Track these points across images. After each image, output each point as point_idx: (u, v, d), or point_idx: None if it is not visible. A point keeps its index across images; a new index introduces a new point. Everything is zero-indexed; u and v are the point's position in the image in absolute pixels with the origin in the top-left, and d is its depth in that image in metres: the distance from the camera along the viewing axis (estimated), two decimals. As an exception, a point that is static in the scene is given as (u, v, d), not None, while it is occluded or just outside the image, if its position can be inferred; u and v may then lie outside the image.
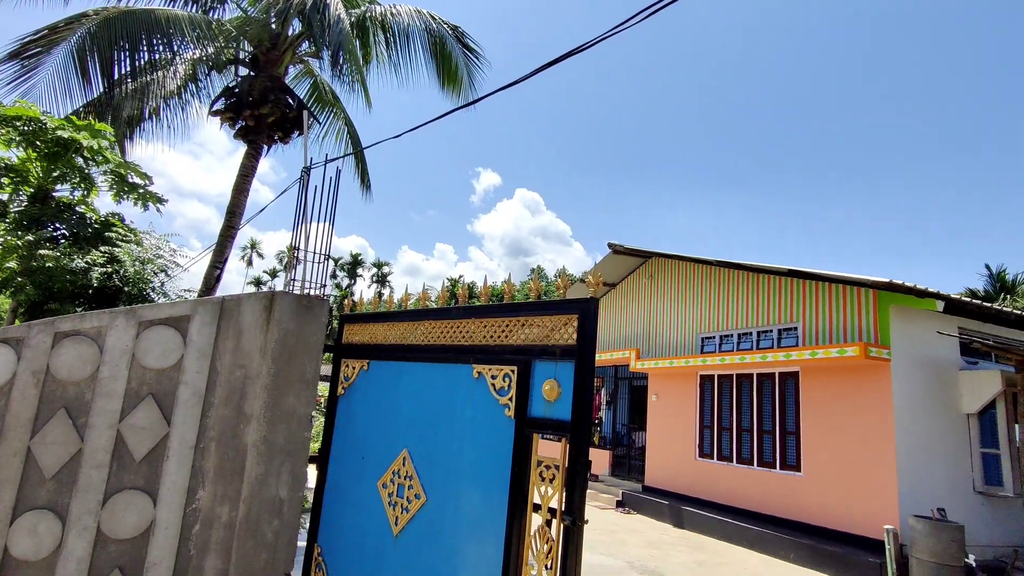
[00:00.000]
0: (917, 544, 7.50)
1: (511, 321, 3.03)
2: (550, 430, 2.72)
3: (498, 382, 3.01)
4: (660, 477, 12.88)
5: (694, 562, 8.63)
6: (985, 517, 8.91)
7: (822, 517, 9.27)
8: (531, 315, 2.94)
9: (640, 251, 14.56)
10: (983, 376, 9.06)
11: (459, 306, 3.38)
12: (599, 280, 2.71)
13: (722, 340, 12.41)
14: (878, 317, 9.18)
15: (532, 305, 2.95)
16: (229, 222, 11.04)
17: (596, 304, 2.69)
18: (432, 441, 3.31)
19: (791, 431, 10.18)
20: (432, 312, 3.55)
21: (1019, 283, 27.92)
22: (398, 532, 3.34)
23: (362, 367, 3.98)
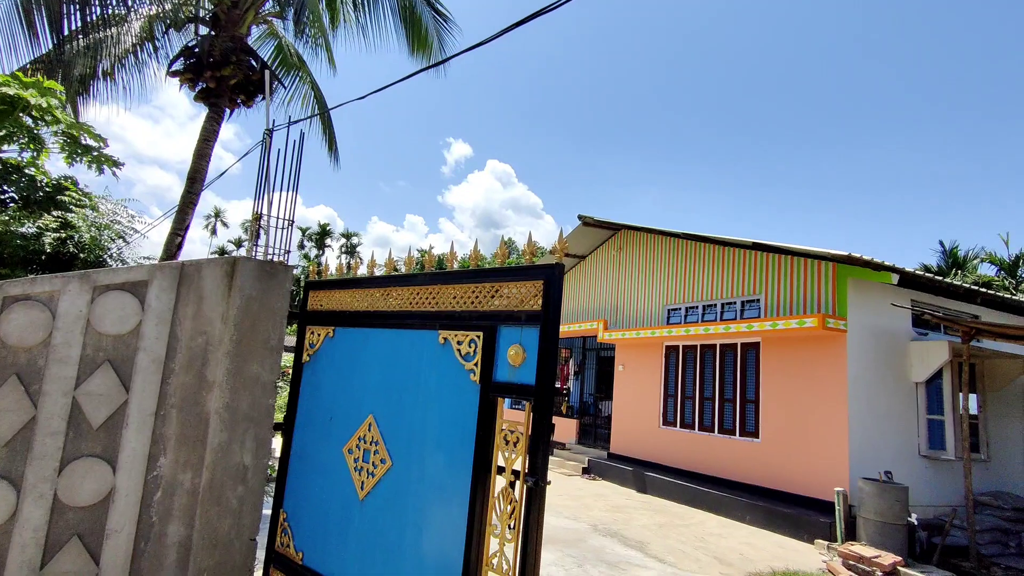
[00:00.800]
0: (864, 504, 7.89)
1: (477, 287, 3.04)
2: (515, 394, 2.75)
3: (464, 348, 3.02)
4: (625, 445, 13.21)
5: (655, 524, 8.93)
6: (928, 479, 9.41)
7: (778, 481, 9.66)
8: (497, 281, 2.94)
9: (609, 223, 14.65)
10: (932, 346, 9.47)
11: (425, 272, 3.36)
12: (564, 246, 2.72)
13: (687, 312, 12.66)
14: (836, 289, 9.47)
15: (498, 271, 2.95)
16: (190, 188, 10.70)
17: (561, 270, 2.71)
18: (398, 407, 3.32)
19: (751, 399, 10.51)
20: (398, 279, 3.53)
21: (970, 259, 29.03)
22: (364, 496, 3.36)
23: (327, 334, 3.95)
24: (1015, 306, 10.99)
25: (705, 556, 7.44)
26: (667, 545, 7.78)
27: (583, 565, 6.52)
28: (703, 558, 7.35)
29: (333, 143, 14.07)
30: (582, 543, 7.45)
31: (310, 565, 3.61)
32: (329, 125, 13.81)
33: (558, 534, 7.79)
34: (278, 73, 12.61)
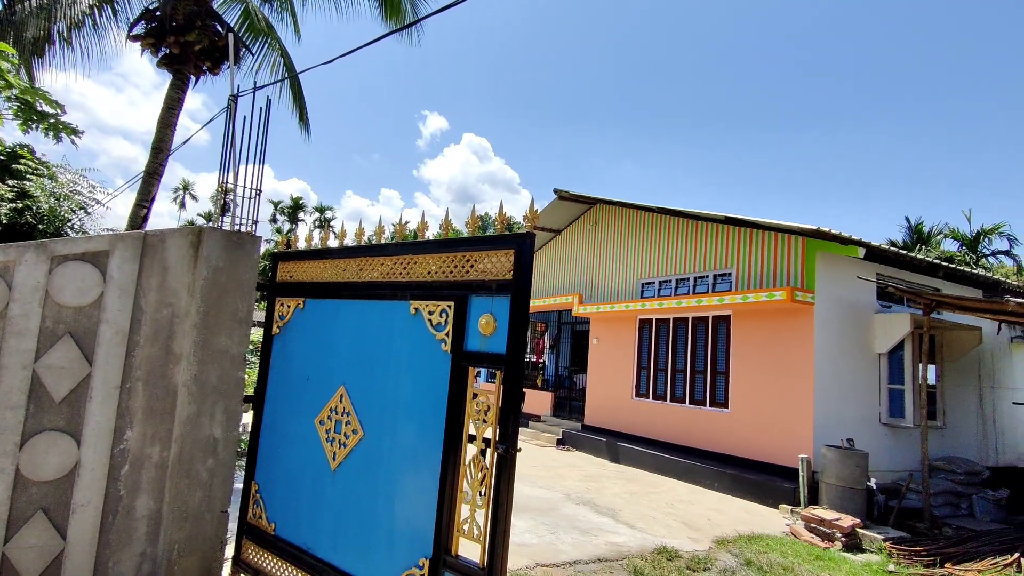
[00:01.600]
0: (827, 470, 8.19)
1: (448, 257, 3.02)
2: (486, 363, 2.76)
3: (435, 318, 3.01)
4: (599, 416, 13.43)
5: (627, 492, 9.15)
6: (888, 445, 9.78)
7: (746, 449, 9.95)
8: (468, 251, 2.93)
9: (585, 197, 14.64)
10: (895, 319, 9.76)
11: (396, 242, 3.33)
12: (535, 216, 2.72)
13: (661, 285, 12.81)
14: (805, 263, 9.65)
15: (469, 241, 2.93)
16: (155, 158, 10.36)
17: (532, 240, 2.71)
18: (370, 377, 3.31)
19: (721, 371, 10.74)
20: (369, 249, 3.48)
21: (934, 235, 29.87)
22: (336, 467, 3.37)
23: (297, 305, 3.90)
24: (974, 279, 11.36)
25: (674, 522, 7.66)
26: (638, 512, 7.99)
27: (556, 532, 6.66)
28: (672, 523, 7.57)
29: (304, 114, 13.71)
30: (555, 511, 7.61)
31: (283, 535, 3.62)
32: (299, 95, 13.44)
33: (532, 503, 7.94)
34: (245, 40, 12.17)
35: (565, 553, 5.95)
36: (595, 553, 6.05)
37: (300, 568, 3.42)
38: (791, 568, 6.12)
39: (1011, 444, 12.01)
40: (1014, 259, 29.53)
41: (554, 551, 5.99)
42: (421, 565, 2.80)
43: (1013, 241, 29.43)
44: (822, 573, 6.19)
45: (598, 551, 6.14)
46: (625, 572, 5.61)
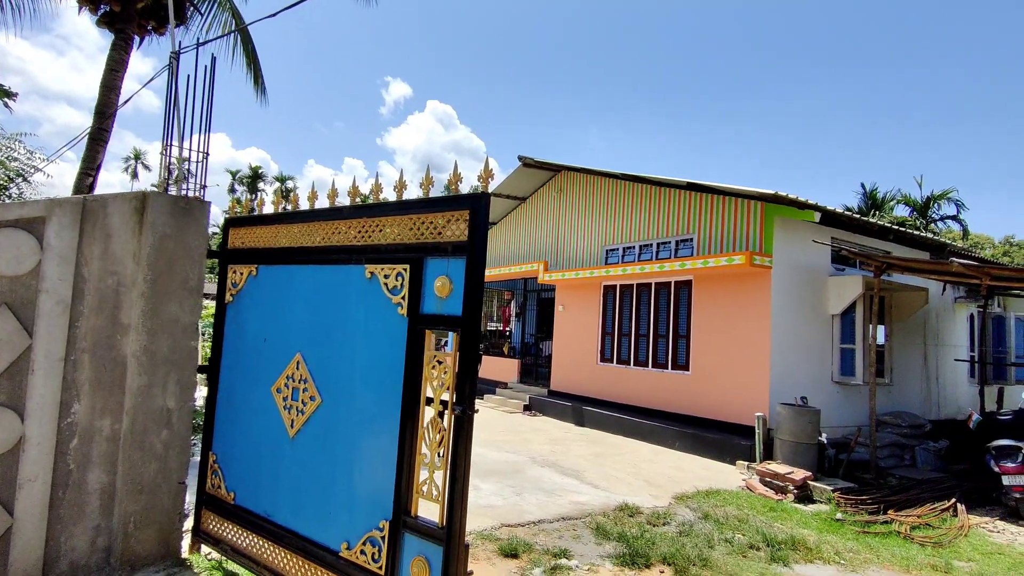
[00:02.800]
0: (781, 427, 8.51)
1: (403, 219, 2.96)
2: (442, 326, 2.74)
3: (391, 281, 2.97)
4: (565, 382, 13.63)
5: (591, 454, 9.37)
6: (839, 402, 10.22)
7: (706, 409, 10.26)
8: (423, 212, 2.87)
9: (549, 164, 14.56)
10: (848, 281, 10.09)
11: (350, 205, 3.25)
12: (490, 175, 2.67)
13: (625, 252, 12.93)
14: (764, 228, 9.85)
15: (423, 202, 2.88)
16: (99, 123, 9.83)
17: (487, 200, 2.67)
18: (326, 343, 3.26)
19: (683, 335, 10.98)
20: (322, 212, 3.39)
21: (888, 200, 30.84)
22: (294, 434, 3.33)
23: (250, 272, 3.79)
24: (922, 242, 11.79)
25: (636, 480, 7.89)
26: (602, 472, 8.20)
27: (521, 493, 6.79)
28: (634, 482, 7.80)
29: (259, 77, 13.16)
30: (521, 474, 7.74)
31: (242, 504, 3.59)
32: (253, 57, 12.88)
33: (498, 467, 8.06)
34: None
35: (530, 513, 6.08)
36: (559, 512, 6.20)
37: (261, 536, 3.40)
38: (746, 520, 6.39)
39: (951, 398, 12.69)
40: (960, 223, 30.80)
41: (519, 511, 6.12)
42: (381, 527, 2.82)
43: (960, 206, 30.63)
44: (774, 523, 6.48)
45: (562, 510, 6.29)
46: (588, 529, 5.77)
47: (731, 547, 5.55)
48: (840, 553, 5.69)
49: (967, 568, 5.59)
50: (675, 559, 5.04)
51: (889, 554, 5.77)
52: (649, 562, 5.00)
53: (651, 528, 5.94)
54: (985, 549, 6.12)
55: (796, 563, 5.38)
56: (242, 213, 4.11)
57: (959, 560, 5.79)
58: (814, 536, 6.08)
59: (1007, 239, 42.55)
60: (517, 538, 5.26)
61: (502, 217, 17.45)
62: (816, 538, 6.01)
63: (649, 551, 5.17)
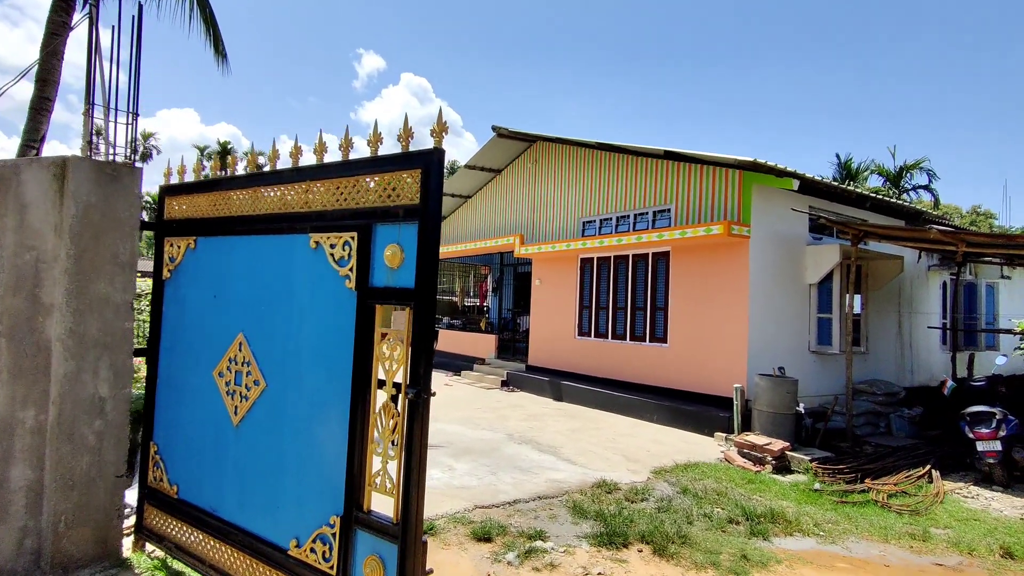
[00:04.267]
0: (759, 398, 8.44)
1: (348, 181, 2.64)
2: (393, 300, 2.45)
3: (337, 251, 2.65)
4: (542, 357, 13.46)
5: (569, 429, 9.22)
6: (816, 372, 10.20)
7: (684, 382, 10.17)
8: (370, 173, 2.56)
9: (524, 134, 14.16)
10: (825, 250, 9.98)
11: (292, 168, 2.91)
12: (443, 128, 2.36)
13: (602, 224, 12.68)
14: (742, 197, 9.65)
15: (370, 161, 2.56)
16: (41, 91, 9.16)
17: (441, 156, 2.36)
18: (270, 322, 2.95)
19: (660, 307, 10.83)
20: (262, 177, 3.04)
21: (862, 170, 31.01)
22: (238, 421, 3.04)
23: (188, 245, 3.44)
24: (899, 210, 11.74)
25: (615, 455, 7.76)
26: (579, 447, 8.05)
27: (497, 472, 6.60)
28: (612, 457, 7.66)
29: (219, 43, 12.48)
30: (497, 452, 7.55)
31: (186, 498, 3.30)
32: (212, 23, 12.18)
33: (474, 445, 7.86)
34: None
35: (505, 493, 5.89)
36: (535, 491, 6.02)
37: (206, 532, 3.12)
38: (724, 493, 6.29)
39: (924, 365, 12.82)
40: (932, 193, 31.12)
41: (494, 492, 5.92)
42: (332, 523, 2.55)
43: (932, 176, 30.95)
44: (753, 495, 6.39)
45: (538, 489, 6.11)
46: (564, 507, 5.60)
47: (710, 522, 5.43)
48: (819, 524, 5.61)
49: (944, 535, 5.56)
50: (653, 537, 4.89)
51: (867, 524, 5.71)
52: (627, 541, 4.85)
53: (629, 505, 5.80)
54: (960, 515, 6.11)
55: (776, 536, 5.28)
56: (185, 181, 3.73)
57: (936, 527, 5.76)
58: (793, 508, 6.00)
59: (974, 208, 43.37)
60: (491, 520, 5.06)
61: (477, 190, 17.04)
62: (795, 510, 5.94)
63: (627, 529, 5.02)
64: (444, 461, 6.91)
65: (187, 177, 3.55)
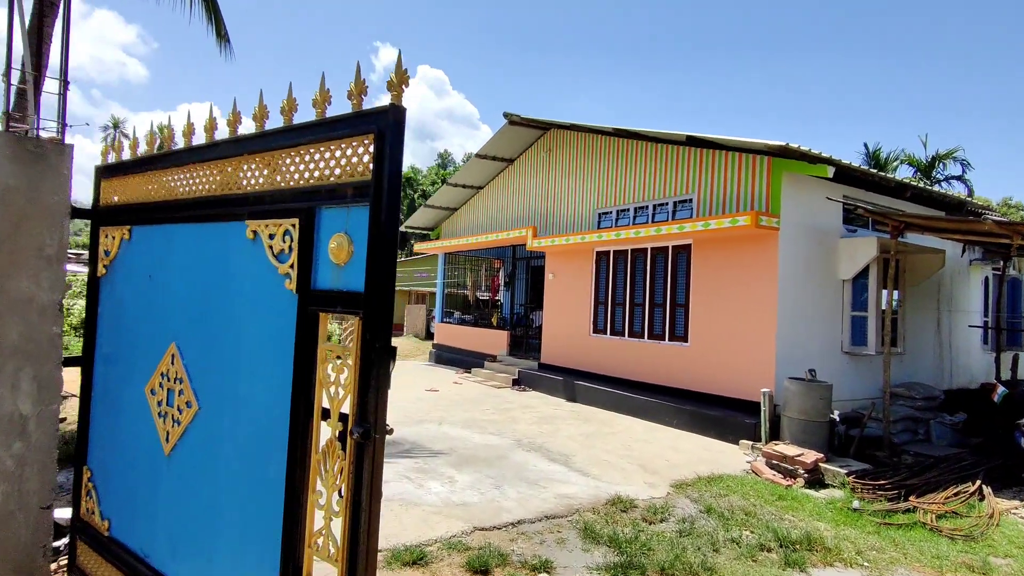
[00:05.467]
0: (789, 404, 7.76)
1: (288, 154, 2.07)
2: (340, 305, 1.88)
3: (276, 243, 2.09)
4: (555, 354, 12.86)
5: (582, 434, 8.63)
6: (849, 374, 9.47)
7: (706, 384, 9.51)
8: (314, 141, 1.99)
9: (538, 121, 13.51)
10: (861, 243, 9.23)
11: (227, 140, 2.34)
12: (404, 77, 1.78)
13: (619, 215, 12.01)
14: (771, 185, 8.94)
15: (313, 127, 1.99)
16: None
17: (400, 116, 1.78)
18: (206, 331, 2.41)
19: (681, 303, 10.16)
20: (196, 151, 2.49)
21: (891, 160, 29.77)
22: (170, 450, 2.50)
23: (123, 236, 2.90)
24: (940, 200, 10.90)
25: (631, 465, 7.15)
26: (592, 455, 7.46)
27: (501, 486, 6.03)
28: (628, 467, 7.06)
29: (221, 27, 12.01)
30: (503, 460, 6.99)
31: (117, 536, 2.78)
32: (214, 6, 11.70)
33: (479, 452, 7.31)
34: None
35: (509, 512, 5.32)
36: (542, 509, 5.45)
37: (136, 580, 2.60)
38: (753, 512, 5.67)
39: (964, 366, 12.00)
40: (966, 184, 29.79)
41: (496, 509, 5.36)
42: (268, 590, 2.01)
43: (966, 166, 29.63)
44: (785, 515, 5.77)
45: (546, 506, 5.54)
46: (574, 530, 5.03)
47: (739, 549, 4.82)
48: (862, 552, 4.97)
49: (1006, 566, 4.89)
50: (675, 569, 4.30)
51: (917, 551, 5.05)
52: (645, 573, 4.26)
53: (647, 527, 5.20)
54: (1021, 542, 5.42)
55: (814, 566, 4.66)
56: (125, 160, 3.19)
57: (995, 556, 5.09)
58: (831, 531, 5.36)
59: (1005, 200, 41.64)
60: (491, 546, 4.50)
61: (489, 180, 16.43)
62: (833, 533, 5.30)
63: (645, 559, 4.43)
64: (445, 472, 6.37)
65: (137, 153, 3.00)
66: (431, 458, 6.91)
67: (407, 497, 5.48)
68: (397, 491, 5.63)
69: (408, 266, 31.75)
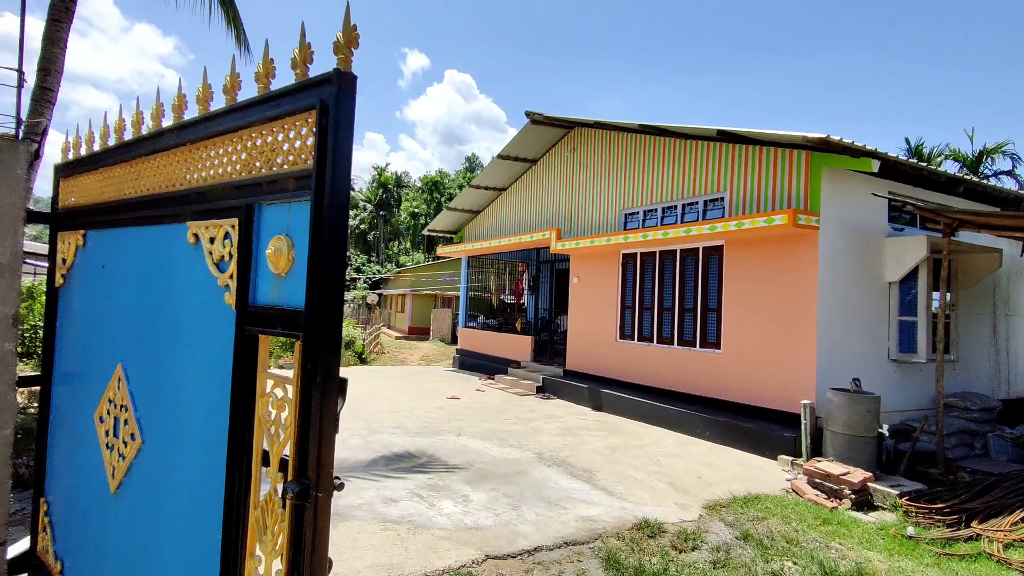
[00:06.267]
0: (832, 417, 7.17)
1: (229, 140, 1.72)
2: (280, 325, 1.51)
3: (216, 249, 1.74)
4: (581, 361, 12.40)
5: (608, 447, 8.16)
6: (896, 384, 8.79)
7: (740, 393, 8.94)
8: (253, 123, 1.62)
9: (561, 120, 13.08)
10: (909, 242, 8.56)
11: (170, 127, 2.00)
12: (353, 35, 1.40)
13: (646, 215, 11.49)
14: (809, 181, 8.35)
15: (253, 105, 1.63)
16: (43, 81, 8.71)
17: (349, 84, 1.40)
18: (150, 351, 2.07)
19: (713, 308, 9.61)
20: (142, 143, 2.16)
21: (935, 155, 28.41)
22: (116, 488, 2.17)
23: (78, 242, 2.59)
24: (995, 196, 10.11)
25: (659, 482, 6.66)
26: (618, 471, 6.99)
27: (519, 506, 5.62)
28: (657, 485, 6.58)
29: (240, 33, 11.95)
30: (522, 477, 6.58)
31: (68, 581, 2.46)
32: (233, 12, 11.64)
33: (498, 467, 6.91)
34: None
35: (525, 537, 4.91)
36: (562, 534, 5.02)
37: (83, 635, 2.28)
38: (795, 539, 5.14)
39: (1022, 375, 11.13)
40: (1016, 179, 28.26)
41: (511, 534, 4.95)
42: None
43: (1016, 160, 28.08)
44: (831, 542, 5.23)
45: (566, 531, 5.11)
46: (596, 559, 4.59)
47: (780, 585, 4.32)
48: (922, 590, 4.42)
49: (1092, 610, 4.28)
50: (708, 609, 3.83)
51: (985, 590, 4.48)
52: (673, 614, 3.81)
53: (677, 556, 4.73)
54: (1107, 578, 4.78)
55: (867, 607, 4.14)
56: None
57: (1078, 596, 4.48)
58: (884, 563, 4.81)
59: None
60: (503, 579, 4.10)
61: (512, 182, 16.06)
62: (887, 566, 4.75)
63: (674, 597, 3.97)
64: (459, 490, 5.99)
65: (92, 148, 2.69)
66: (446, 473, 6.54)
67: (416, 519, 5.11)
68: (406, 512, 5.27)
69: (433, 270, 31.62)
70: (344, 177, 1.38)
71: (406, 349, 23.86)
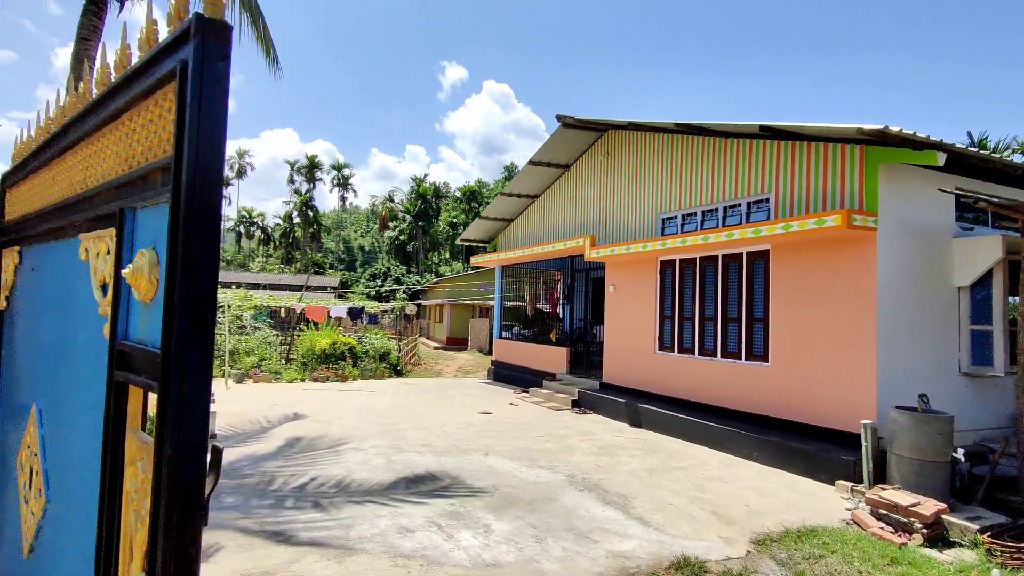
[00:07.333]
0: (898, 439, 6.43)
1: (108, 131, 1.35)
2: (143, 372, 1.12)
3: (99, 266, 1.38)
4: (618, 373, 11.81)
5: (645, 469, 7.58)
6: (968, 400, 7.92)
7: (791, 411, 8.22)
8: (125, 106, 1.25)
9: (593, 123, 12.59)
10: (981, 243, 7.71)
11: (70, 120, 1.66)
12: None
13: (685, 220, 10.87)
14: (864, 179, 7.62)
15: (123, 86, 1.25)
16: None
17: (220, 35, 0.99)
18: (58, 390, 1.72)
19: (759, 318, 8.92)
20: (51, 144, 1.82)
21: (1001, 149, 26.57)
22: (28, 550, 1.82)
23: (14, 260, 2.29)
24: (1079, 189, 9.07)
25: (702, 511, 6.07)
26: (656, 497, 6.42)
27: (544, 539, 5.14)
28: (699, 514, 5.99)
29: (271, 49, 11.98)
30: (551, 504, 6.09)
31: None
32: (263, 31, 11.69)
33: (525, 491, 6.45)
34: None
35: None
36: (590, 572, 4.52)
37: None
38: (859, 584, 4.49)
39: (1115, 387, 9.96)
40: (1095, 172, 26.13)
41: (533, 573, 4.47)
42: None
43: (1095, 152, 25.99)
44: (901, 587, 4.55)
45: (595, 568, 4.60)
46: (627, 605, 4.07)
47: (843, 643, 3.71)
48: (1017, 653, 3.73)
49: None
50: (757, 675, 3.28)
51: (1096, 654, 3.75)
52: None
53: (720, 603, 4.17)
54: None
55: (950, 674, 3.49)
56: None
57: None
58: (968, 616, 4.12)
59: None
60: (519, 630, 3.64)
61: (544, 189, 15.63)
62: (972, 620, 4.06)
63: (716, 659, 3.42)
64: (481, 518, 5.55)
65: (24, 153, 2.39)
66: (469, 498, 6.12)
67: (430, 553, 4.70)
68: (421, 544, 4.86)
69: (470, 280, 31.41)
70: (213, 164, 0.99)
71: (443, 360, 23.62)
